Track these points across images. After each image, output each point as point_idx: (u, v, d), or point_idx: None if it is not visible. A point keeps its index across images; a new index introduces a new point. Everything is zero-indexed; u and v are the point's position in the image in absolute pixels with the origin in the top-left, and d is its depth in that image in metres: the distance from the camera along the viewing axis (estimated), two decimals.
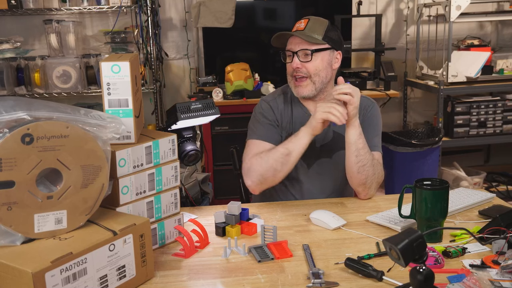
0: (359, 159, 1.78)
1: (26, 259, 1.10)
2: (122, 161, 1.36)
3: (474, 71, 3.70)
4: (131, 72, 1.40)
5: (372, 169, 1.81)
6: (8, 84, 3.54)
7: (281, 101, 1.99)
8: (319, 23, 1.89)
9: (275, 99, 1.99)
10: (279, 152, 1.79)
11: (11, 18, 3.85)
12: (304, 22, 1.88)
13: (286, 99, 1.99)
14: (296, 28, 1.89)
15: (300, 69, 1.86)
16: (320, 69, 1.87)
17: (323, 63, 1.87)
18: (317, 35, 1.86)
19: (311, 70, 1.86)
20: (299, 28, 1.88)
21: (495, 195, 1.85)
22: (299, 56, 1.85)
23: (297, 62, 1.86)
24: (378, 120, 1.99)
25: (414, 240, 1.08)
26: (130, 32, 3.73)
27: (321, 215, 1.64)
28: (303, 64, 1.86)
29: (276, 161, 1.78)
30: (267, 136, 1.90)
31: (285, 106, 1.97)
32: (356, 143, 1.78)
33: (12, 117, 1.13)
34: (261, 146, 1.87)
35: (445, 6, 3.62)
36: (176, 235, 1.54)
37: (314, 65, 1.86)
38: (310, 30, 1.86)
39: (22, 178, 1.14)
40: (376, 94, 3.80)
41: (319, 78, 1.88)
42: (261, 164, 1.80)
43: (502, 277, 1.23)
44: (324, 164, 1.95)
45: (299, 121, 1.92)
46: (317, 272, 1.29)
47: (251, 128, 1.97)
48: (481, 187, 3.90)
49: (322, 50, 1.87)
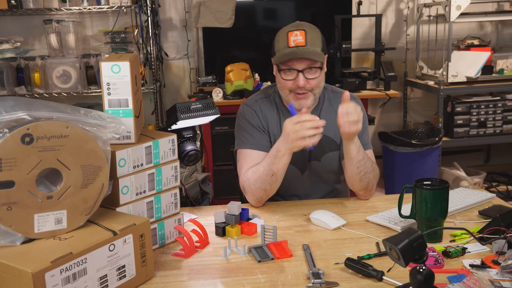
0: (361, 169, 1.78)
1: (26, 259, 1.10)
2: (122, 161, 1.36)
3: (474, 71, 3.70)
4: (131, 72, 1.40)
5: (372, 173, 1.82)
6: (8, 84, 3.54)
7: (265, 105, 1.93)
8: (315, 33, 1.80)
9: (257, 103, 1.93)
10: (264, 174, 1.75)
11: (11, 18, 3.85)
12: (302, 36, 1.75)
13: (270, 103, 1.93)
14: (295, 42, 1.75)
15: (305, 87, 1.78)
16: (320, 81, 1.82)
17: (323, 73, 1.83)
18: (318, 48, 1.78)
19: (314, 85, 1.80)
20: (298, 42, 1.75)
21: (495, 195, 1.85)
22: (304, 74, 1.77)
23: (304, 80, 1.76)
24: (364, 116, 1.92)
25: (414, 240, 1.08)
26: (130, 32, 3.73)
27: (321, 215, 1.64)
28: (308, 81, 1.77)
29: (264, 183, 1.76)
30: (255, 144, 1.86)
31: (271, 111, 1.92)
32: (356, 156, 1.75)
33: (12, 117, 1.13)
34: (253, 156, 1.85)
35: (445, 6, 3.62)
36: (176, 235, 1.54)
37: (317, 80, 1.80)
38: (312, 45, 1.76)
39: (22, 178, 1.14)
40: (376, 94, 3.80)
41: (319, 89, 1.84)
42: (251, 186, 1.79)
43: (502, 277, 1.23)
44: (315, 166, 1.93)
45: None
46: (317, 272, 1.29)
47: (238, 137, 1.92)
48: (481, 187, 3.90)
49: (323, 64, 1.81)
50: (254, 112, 1.92)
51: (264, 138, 1.89)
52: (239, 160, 1.90)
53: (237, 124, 1.96)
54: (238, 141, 1.92)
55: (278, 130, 1.90)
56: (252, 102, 1.95)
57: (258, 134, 1.89)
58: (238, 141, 1.92)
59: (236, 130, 1.95)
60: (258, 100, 1.95)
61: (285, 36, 1.78)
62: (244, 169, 1.84)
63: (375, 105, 4.32)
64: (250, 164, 1.83)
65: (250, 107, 1.93)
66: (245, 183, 1.81)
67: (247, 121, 1.91)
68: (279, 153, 1.72)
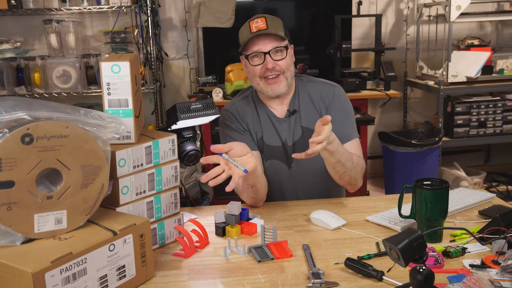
0: (338, 169, 1.75)
1: (26, 259, 1.10)
2: (122, 161, 1.37)
3: (474, 71, 3.71)
4: (131, 72, 1.40)
5: (354, 170, 1.78)
6: (8, 84, 3.54)
7: (243, 105, 1.94)
8: (276, 20, 1.83)
9: (235, 105, 1.94)
10: (245, 187, 1.74)
11: (11, 18, 3.85)
12: (262, 21, 1.78)
13: (248, 102, 1.94)
14: (256, 28, 1.78)
15: (274, 68, 1.79)
16: (289, 64, 1.83)
17: (291, 58, 1.84)
18: (280, 31, 1.79)
19: (283, 66, 1.80)
20: (260, 27, 1.77)
21: (495, 195, 1.85)
22: (271, 55, 1.79)
23: (272, 62, 1.78)
24: (345, 104, 1.91)
25: (414, 240, 1.08)
26: (130, 32, 3.73)
27: (321, 215, 1.64)
28: (276, 62, 1.79)
29: (249, 193, 1.77)
30: None
31: (248, 109, 1.93)
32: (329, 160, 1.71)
33: (12, 117, 1.13)
34: None
35: (445, 6, 3.62)
36: (176, 235, 1.54)
37: (286, 61, 1.81)
38: (274, 28, 1.79)
39: (22, 178, 1.14)
40: (376, 94, 3.81)
41: (290, 73, 1.84)
42: (241, 194, 1.80)
43: (502, 277, 1.23)
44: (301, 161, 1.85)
45: (265, 121, 1.90)
46: (317, 272, 1.29)
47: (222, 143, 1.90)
48: (481, 187, 3.90)
49: (288, 45, 1.82)
50: (231, 115, 1.92)
51: (246, 138, 1.88)
52: None
53: (220, 131, 1.97)
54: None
55: (259, 126, 1.91)
56: (229, 106, 1.97)
57: (240, 136, 1.88)
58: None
59: (220, 137, 1.96)
60: (236, 103, 1.96)
61: (247, 25, 1.81)
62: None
63: (375, 105, 4.32)
64: None
65: (227, 111, 1.95)
66: (235, 190, 1.79)
67: (227, 126, 1.92)
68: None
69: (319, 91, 1.92)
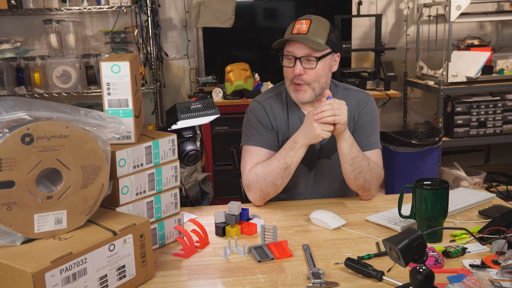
0: (354, 167, 1.76)
1: (26, 259, 1.10)
2: (122, 161, 1.36)
3: (474, 71, 3.71)
4: (131, 72, 1.40)
5: (369, 173, 1.79)
6: (8, 84, 3.54)
7: (276, 103, 1.91)
8: (322, 26, 1.78)
9: (268, 100, 1.92)
10: (278, 168, 1.75)
11: (11, 18, 3.85)
12: (306, 24, 1.76)
13: (281, 101, 1.92)
14: (297, 30, 1.76)
15: (302, 76, 1.77)
16: (321, 75, 1.79)
17: (325, 68, 1.80)
18: (320, 39, 1.75)
19: (312, 77, 1.78)
20: (300, 30, 1.75)
21: (495, 195, 1.85)
22: (302, 62, 1.77)
23: (300, 69, 1.76)
24: (375, 115, 1.94)
25: (414, 240, 1.08)
26: (130, 32, 3.73)
27: (321, 215, 1.64)
28: (306, 70, 1.77)
29: (275, 177, 1.75)
30: (262, 142, 1.85)
31: (280, 108, 1.91)
32: (349, 153, 1.74)
33: (12, 117, 1.13)
34: (259, 154, 1.84)
35: (445, 6, 3.62)
36: (176, 235, 1.54)
37: (316, 72, 1.77)
38: (313, 34, 1.75)
39: (22, 178, 1.14)
40: (376, 94, 3.80)
41: (319, 84, 1.80)
42: (260, 182, 1.77)
43: (502, 277, 1.23)
44: (324, 165, 1.92)
45: (295, 125, 1.86)
46: (317, 272, 1.29)
47: (245, 133, 1.91)
48: (481, 187, 3.90)
49: (325, 56, 1.78)
50: (263, 109, 1.90)
51: (271, 136, 1.88)
52: (243, 157, 1.88)
53: (245, 120, 1.94)
54: (244, 137, 1.91)
55: (286, 128, 1.90)
56: (262, 99, 1.93)
57: (266, 132, 1.87)
58: (245, 137, 1.90)
59: (244, 126, 1.94)
60: (269, 98, 1.93)
61: (293, 23, 1.81)
62: (248, 166, 1.83)
63: None
64: (255, 162, 1.82)
65: (260, 104, 1.92)
66: (252, 179, 1.79)
67: (255, 118, 1.89)
68: (296, 145, 1.73)
69: (355, 98, 1.91)
